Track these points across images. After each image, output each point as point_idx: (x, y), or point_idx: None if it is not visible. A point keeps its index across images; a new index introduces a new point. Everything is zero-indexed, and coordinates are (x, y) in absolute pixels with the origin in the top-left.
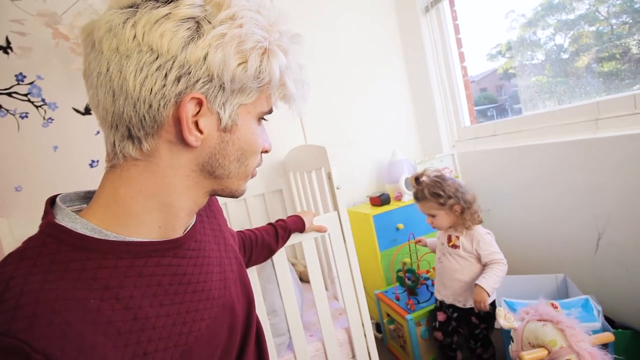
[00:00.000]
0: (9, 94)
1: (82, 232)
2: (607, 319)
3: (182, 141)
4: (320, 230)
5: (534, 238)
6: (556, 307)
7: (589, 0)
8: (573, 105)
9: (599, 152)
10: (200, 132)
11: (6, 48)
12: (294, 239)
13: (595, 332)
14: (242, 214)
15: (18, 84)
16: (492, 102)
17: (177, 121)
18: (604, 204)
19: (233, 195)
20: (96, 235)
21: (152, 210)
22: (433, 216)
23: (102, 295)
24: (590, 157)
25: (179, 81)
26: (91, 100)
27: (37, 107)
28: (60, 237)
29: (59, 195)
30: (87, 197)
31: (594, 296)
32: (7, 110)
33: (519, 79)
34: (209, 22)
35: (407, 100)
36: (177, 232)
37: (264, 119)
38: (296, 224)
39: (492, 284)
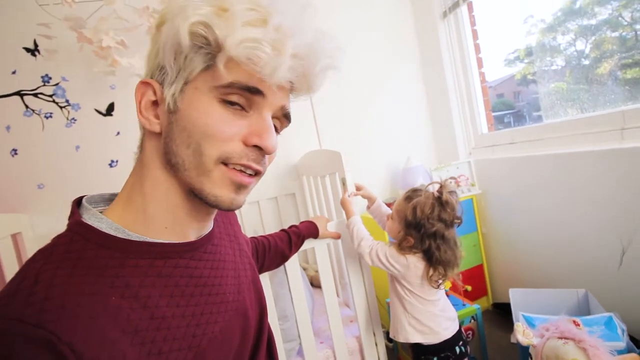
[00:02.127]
0: (35, 95)
1: (107, 232)
2: (631, 338)
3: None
4: (335, 237)
5: (553, 251)
6: (578, 325)
7: (612, 5)
8: (597, 114)
9: (624, 163)
10: (157, 118)
11: (34, 51)
12: (307, 244)
13: (619, 352)
14: (254, 217)
15: (44, 85)
16: (509, 108)
17: None
18: (629, 217)
19: (207, 199)
20: (120, 235)
21: (150, 205)
22: (393, 218)
23: (123, 293)
24: (615, 168)
25: (152, 76)
26: None
27: (61, 107)
28: (87, 235)
29: (85, 197)
30: (111, 199)
31: (618, 314)
32: (33, 110)
33: (539, 85)
34: None
35: (423, 105)
36: (189, 234)
37: (229, 101)
38: (309, 230)
39: (352, 225)
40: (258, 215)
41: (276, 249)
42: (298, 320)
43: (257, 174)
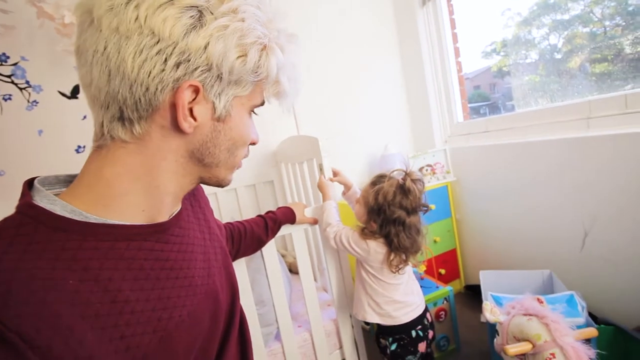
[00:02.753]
0: None
1: (62, 214)
2: (590, 314)
3: (176, 127)
4: (312, 222)
5: (521, 234)
6: (542, 302)
7: (584, 1)
8: (565, 104)
9: (589, 151)
10: (194, 119)
11: None
12: (284, 230)
13: (579, 327)
14: (232, 205)
15: (1, 64)
16: (485, 99)
17: (173, 107)
18: (591, 202)
19: (219, 184)
20: (76, 217)
21: (136, 192)
22: (359, 203)
23: (81, 276)
24: (580, 155)
25: (178, 67)
26: (83, 79)
27: (21, 89)
28: (39, 218)
29: (37, 178)
30: (68, 181)
31: (579, 292)
32: None
33: (513, 78)
34: (212, 13)
35: (401, 93)
36: (162, 217)
37: (254, 113)
38: (286, 216)
39: (325, 209)
40: (236, 202)
41: (252, 235)
42: (275, 304)
43: None
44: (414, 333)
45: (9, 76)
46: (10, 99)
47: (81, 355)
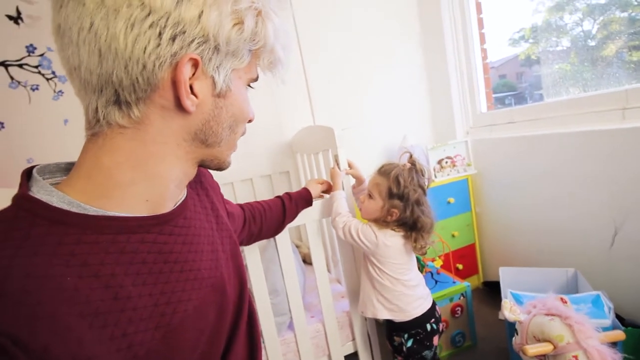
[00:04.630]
0: (20, 66)
1: (59, 206)
2: (617, 316)
3: (177, 106)
4: (328, 190)
5: (545, 230)
6: (565, 302)
7: None
8: (599, 93)
9: (624, 144)
10: (196, 96)
11: (17, 18)
12: (298, 220)
13: (605, 329)
14: (248, 195)
15: (29, 55)
16: (511, 89)
17: (173, 84)
18: (624, 198)
19: (220, 166)
20: (74, 209)
21: (138, 181)
22: (370, 197)
23: (80, 272)
24: (614, 148)
25: (174, 41)
26: (70, 61)
27: (47, 79)
28: (35, 211)
29: (36, 167)
30: (69, 169)
31: (605, 292)
32: (19, 82)
33: (542, 66)
34: None
35: (422, 81)
36: (166, 207)
37: (250, 87)
38: (301, 194)
39: (334, 199)
40: (252, 192)
41: (271, 213)
42: (288, 294)
43: None
44: (428, 326)
45: (36, 67)
46: (37, 89)
47: (80, 355)
